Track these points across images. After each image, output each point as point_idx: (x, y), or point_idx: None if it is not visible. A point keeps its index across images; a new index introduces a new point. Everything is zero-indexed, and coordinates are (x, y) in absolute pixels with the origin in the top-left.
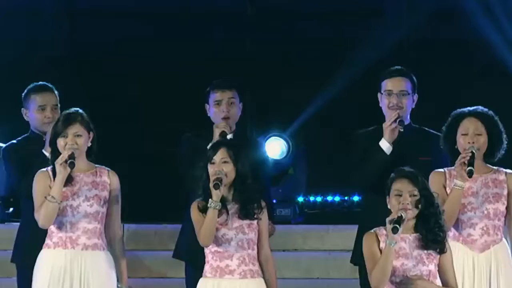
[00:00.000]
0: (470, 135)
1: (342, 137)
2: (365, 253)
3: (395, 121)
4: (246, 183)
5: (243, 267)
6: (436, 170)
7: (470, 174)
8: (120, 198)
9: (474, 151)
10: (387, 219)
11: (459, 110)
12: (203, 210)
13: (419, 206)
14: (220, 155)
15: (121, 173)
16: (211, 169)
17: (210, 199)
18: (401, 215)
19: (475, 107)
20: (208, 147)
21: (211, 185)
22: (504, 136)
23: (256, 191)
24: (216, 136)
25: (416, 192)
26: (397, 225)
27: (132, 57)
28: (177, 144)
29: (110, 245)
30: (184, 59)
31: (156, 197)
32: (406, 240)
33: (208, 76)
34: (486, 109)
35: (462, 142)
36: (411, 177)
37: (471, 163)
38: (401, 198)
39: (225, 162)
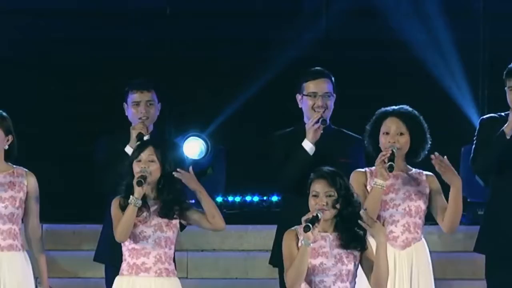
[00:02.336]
0: (392, 135)
1: (260, 137)
2: (283, 251)
3: (317, 121)
4: (173, 184)
5: (159, 265)
6: (357, 169)
7: (390, 168)
8: (38, 199)
9: (394, 150)
10: (303, 218)
11: (383, 109)
12: (124, 207)
13: (337, 206)
14: (147, 153)
15: (40, 172)
16: (136, 167)
17: (131, 196)
18: (317, 215)
19: (399, 106)
20: (127, 148)
21: (134, 182)
22: (428, 136)
23: (182, 193)
24: (133, 138)
25: (333, 193)
26: (309, 224)
27: (52, 56)
28: (95, 143)
29: (29, 245)
30: (103, 58)
31: (75, 196)
32: (327, 238)
33: (127, 75)
34: (410, 109)
35: (383, 141)
36: (328, 177)
37: (391, 159)
38: (318, 199)
39: (151, 160)
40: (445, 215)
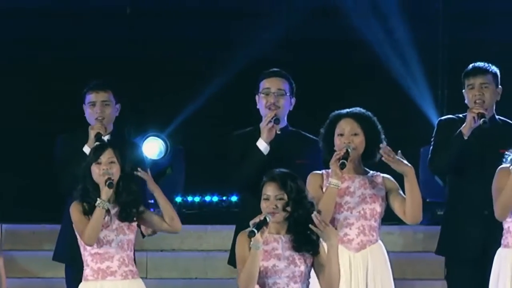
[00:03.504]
0: (346, 135)
1: (220, 137)
2: (236, 254)
3: (271, 120)
4: (131, 185)
5: (124, 268)
6: (314, 172)
7: (342, 166)
8: None
9: (349, 149)
10: (251, 222)
11: (336, 111)
12: (89, 211)
13: (287, 209)
14: (107, 155)
15: None
16: (96, 169)
17: (98, 198)
18: (265, 218)
19: (353, 108)
20: (85, 148)
21: (101, 184)
22: (383, 136)
23: (140, 195)
24: (91, 137)
25: (283, 195)
26: (254, 230)
27: (11, 56)
28: (53, 143)
29: None
30: (64, 58)
31: (34, 197)
32: (279, 240)
33: (87, 75)
34: (363, 110)
35: (338, 142)
36: (279, 180)
37: (345, 157)
38: (268, 202)
39: (112, 162)
40: (405, 207)
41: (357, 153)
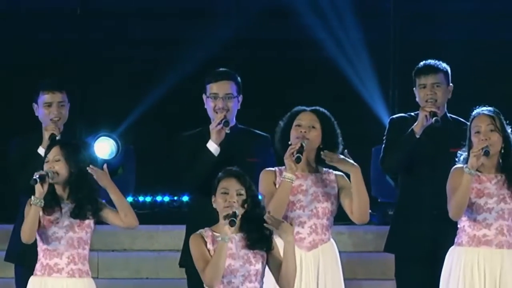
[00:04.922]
0: (303, 126)
1: (170, 137)
2: (193, 254)
3: (220, 122)
4: (84, 182)
5: (72, 266)
6: (267, 169)
7: (298, 160)
8: None
9: (303, 143)
10: (223, 215)
11: (299, 106)
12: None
13: (245, 205)
14: (53, 153)
15: None
16: (45, 167)
17: (32, 196)
18: (235, 212)
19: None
20: (39, 149)
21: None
22: (340, 140)
23: (94, 191)
24: (46, 139)
25: (242, 192)
26: (234, 219)
27: None
28: (6, 144)
29: None
30: (13, 58)
31: None
32: (233, 240)
33: (37, 75)
34: (325, 110)
35: (294, 133)
36: (239, 176)
37: (300, 151)
38: (228, 196)
39: (56, 160)
40: (352, 206)
41: (311, 148)
